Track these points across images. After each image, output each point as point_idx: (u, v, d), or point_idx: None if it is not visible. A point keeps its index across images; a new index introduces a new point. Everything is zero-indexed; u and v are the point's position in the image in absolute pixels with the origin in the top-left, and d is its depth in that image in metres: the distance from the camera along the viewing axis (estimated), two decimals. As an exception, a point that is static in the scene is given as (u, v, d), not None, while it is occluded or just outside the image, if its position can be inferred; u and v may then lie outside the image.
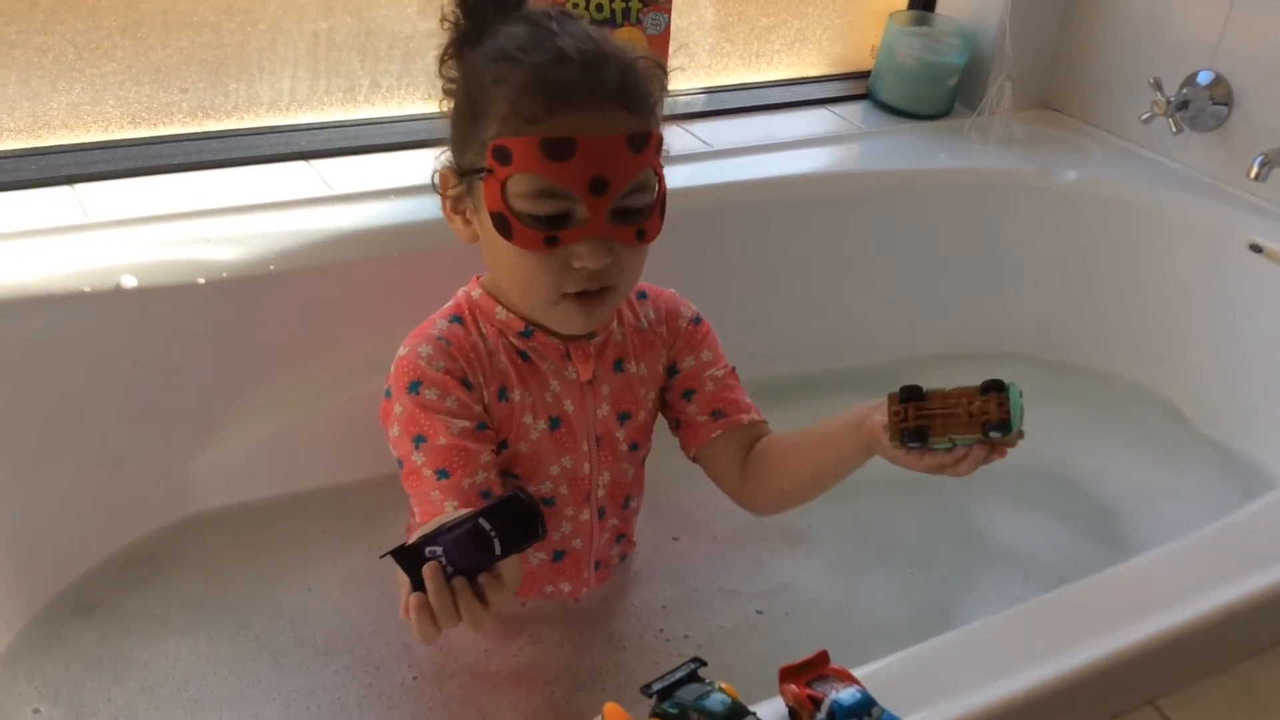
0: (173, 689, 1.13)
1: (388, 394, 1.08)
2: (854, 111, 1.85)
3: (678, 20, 1.63)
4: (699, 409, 1.18)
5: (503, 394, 1.10)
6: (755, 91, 1.85)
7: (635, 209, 1.01)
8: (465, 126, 1.02)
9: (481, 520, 0.82)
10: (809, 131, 1.76)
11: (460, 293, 1.14)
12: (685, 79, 1.80)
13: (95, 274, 1.23)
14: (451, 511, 0.98)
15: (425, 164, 1.47)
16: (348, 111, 1.57)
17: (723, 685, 0.82)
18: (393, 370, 1.08)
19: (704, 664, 0.85)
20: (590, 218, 0.99)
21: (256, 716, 1.11)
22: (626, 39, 1.49)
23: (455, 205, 1.07)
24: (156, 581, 1.26)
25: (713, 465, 1.20)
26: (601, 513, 1.19)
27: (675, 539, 1.38)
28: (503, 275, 1.08)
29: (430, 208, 1.39)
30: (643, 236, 1.02)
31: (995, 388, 0.96)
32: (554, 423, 1.12)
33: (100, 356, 1.24)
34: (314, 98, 1.55)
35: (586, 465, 1.15)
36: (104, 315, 1.23)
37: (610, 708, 0.76)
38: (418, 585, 0.83)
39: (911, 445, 0.97)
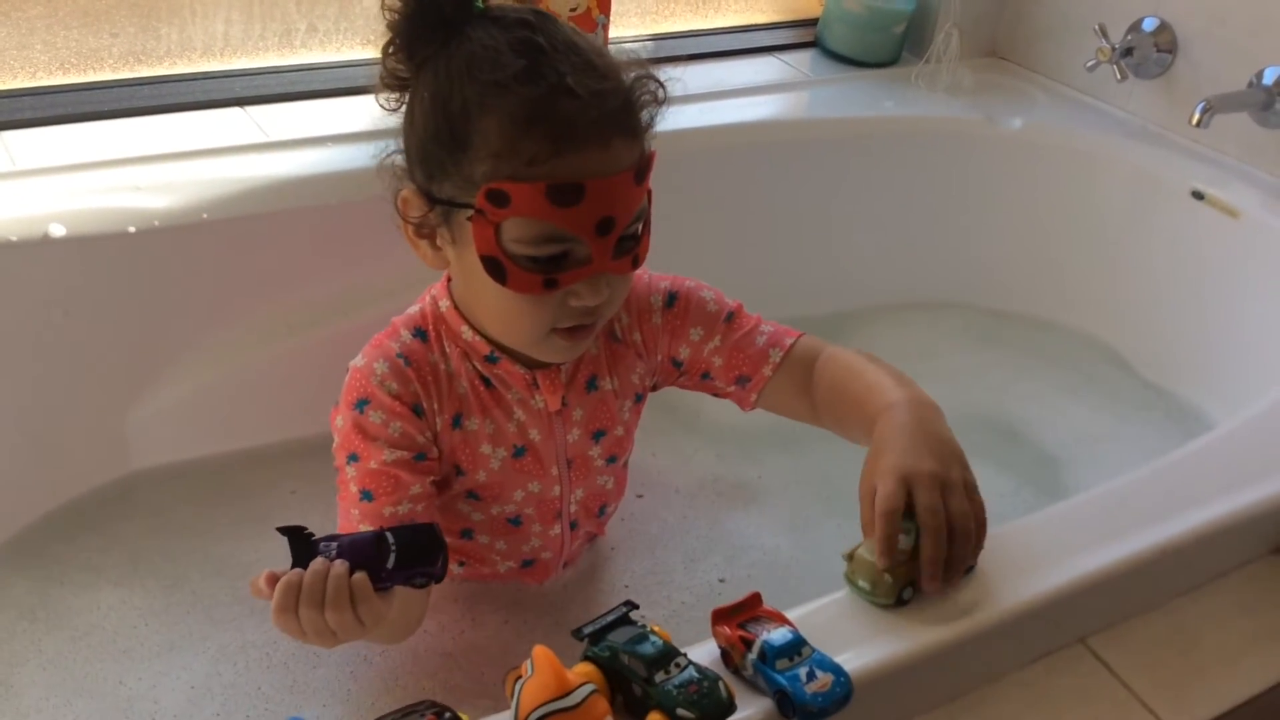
0: (103, 639, 1.13)
1: (337, 402, 1.04)
2: (801, 59, 1.84)
3: (624, -35, 1.61)
4: (724, 383, 1.13)
5: (457, 421, 1.04)
6: (703, 39, 1.83)
7: (632, 236, 0.96)
8: (439, 152, 0.92)
9: (387, 533, 0.84)
10: (756, 79, 1.74)
11: (427, 297, 1.07)
12: (631, 25, 1.78)
13: (23, 223, 1.20)
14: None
15: (363, 111, 1.46)
16: (284, 57, 1.54)
17: (654, 628, 0.82)
18: (347, 377, 1.03)
19: (635, 607, 0.85)
20: (594, 257, 0.92)
21: (185, 668, 1.10)
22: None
23: (420, 230, 0.97)
24: (97, 535, 1.24)
25: (783, 412, 1.15)
26: (574, 525, 1.16)
27: (640, 495, 1.37)
28: (483, 311, 1.00)
29: (368, 156, 1.37)
30: (636, 263, 0.97)
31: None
32: (518, 451, 1.07)
33: (30, 308, 1.22)
34: (249, 42, 1.51)
35: (556, 488, 1.11)
36: (33, 265, 1.21)
37: (539, 650, 0.76)
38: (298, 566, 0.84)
39: (904, 597, 0.89)
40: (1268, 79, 1.55)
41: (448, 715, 0.73)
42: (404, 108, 0.97)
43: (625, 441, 1.15)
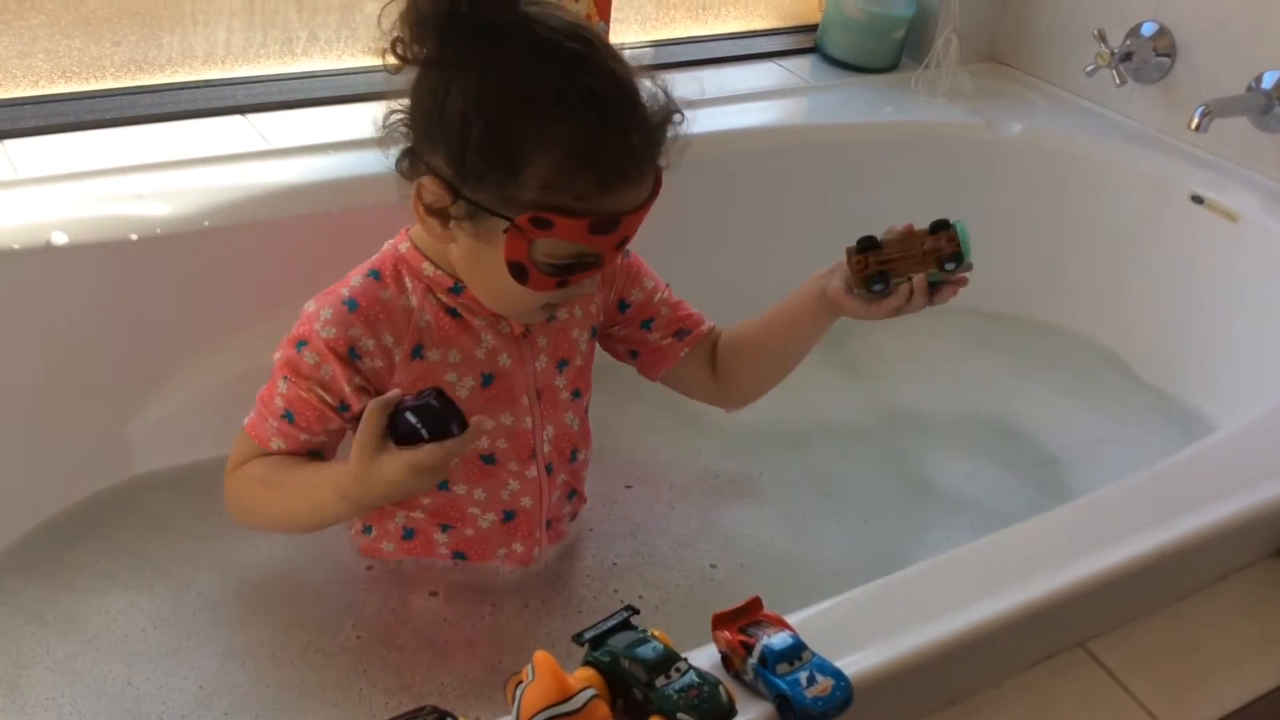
0: (112, 641, 1.13)
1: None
2: (801, 65, 1.84)
3: (624, -29, 1.61)
4: (661, 334, 1.22)
5: (417, 352, 1.08)
6: (702, 45, 1.83)
7: None
8: (482, 166, 0.93)
9: (409, 416, 0.92)
10: (756, 85, 1.75)
11: (387, 245, 1.11)
12: (631, 32, 1.79)
13: (26, 231, 1.20)
14: (277, 449, 1.07)
15: (364, 118, 1.46)
16: (285, 65, 1.54)
17: (655, 633, 0.83)
18: (299, 318, 1.08)
19: (636, 612, 0.85)
20: (605, 261, 1.01)
21: (193, 669, 1.11)
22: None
23: (432, 209, 0.99)
24: (102, 539, 1.25)
25: (684, 381, 1.26)
26: (549, 468, 1.18)
27: (628, 486, 1.38)
28: (481, 286, 1.05)
29: (369, 163, 1.37)
30: (626, 253, 1.08)
31: (943, 226, 1.07)
32: (486, 380, 1.11)
33: (32, 316, 1.22)
34: (250, 50, 1.52)
35: (528, 419, 1.14)
36: (35, 274, 1.21)
37: (540, 656, 0.76)
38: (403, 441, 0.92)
39: (876, 289, 1.06)
40: (1267, 83, 1.55)
41: (449, 720, 0.73)
42: (417, 83, 0.98)
43: (586, 374, 1.20)
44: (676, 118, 1.00)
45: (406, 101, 1.00)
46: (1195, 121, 1.51)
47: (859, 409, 1.59)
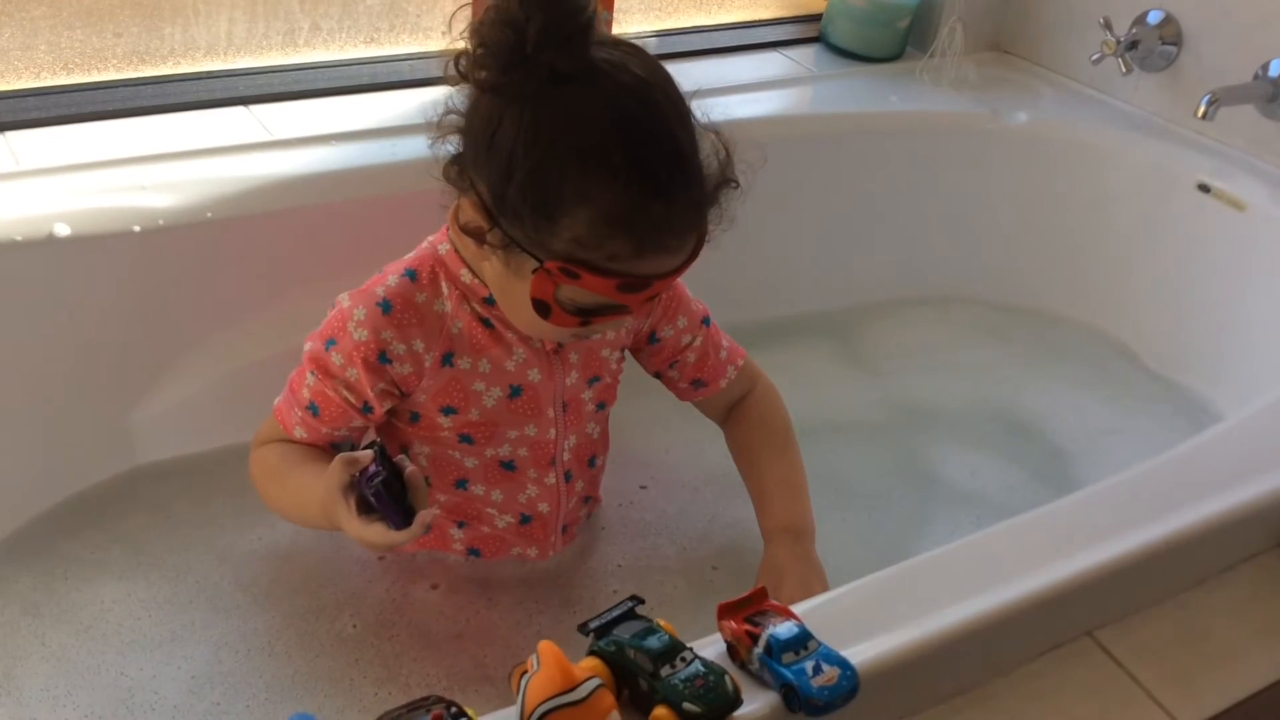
0: (106, 631, 1.13)
1: (319, 325, 1.08)
2: (805, 55, 1.83)
3: (627, -39, 1.61)
4: (680, 376, 1.22)
5: (448, 359, 1.07)
6: (706, 35, 1.82)
7: None
8: (520, 205, 0.91)
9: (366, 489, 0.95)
10: (760, 75, 1.74)
11: (425, 244, 1.09)
12: (635, 22, 1.78)
13: (28, 223, 1.20)
14: (299, 437, 1.09)
15: (367, 109, 1.47)
16: (287, 56, 1.54)
17: (661, 623, 0.82)
18: (333, 311, 1.07)
19: (642, 601, 0.85)
20: (632, 312, 1.01)
21: (186, 658, 1.10)
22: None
23: (468, 229, 0.97)
24: (100, 529, 1.24)
25: (699, 410, 1.29)
26: (568, 476, 1.17)
27: (643, 487, 1.37)
28: (509, 308, 1.03)
29: (372, 154, 1.38)
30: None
31: None
32: (514, 391, 1.10)
33: (34, 308, 1.22)
34: (252, 42, 1.51)
35: (552, 431, 1.13)
36: (38, 265, 1.21)
37: (545, 645, 0.76)
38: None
39: None
40: (1274, 71, 1.54)
41: (454, 710, 0.73)
42: (474, 103, 0.95)
43: (613, 389, 1.20)
44: (732, 185, 0.98)
45: (463, 108, 0.96)
46: (1202, 110, 1.50)
47: (866, 401, 1.58)
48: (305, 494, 1.03)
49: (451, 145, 0.98)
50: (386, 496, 0.93)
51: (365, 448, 0.96)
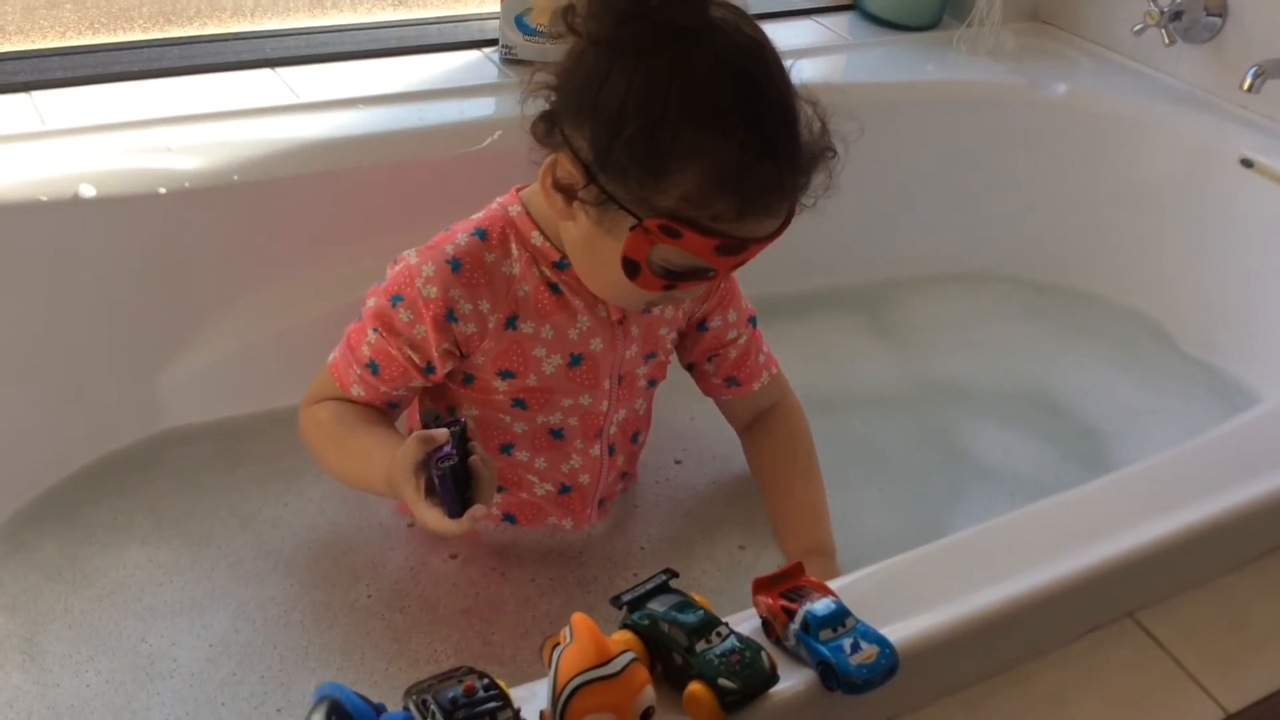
0: (128, 597, 1.12)
1: (381, 280, 1.06)
2: (840, 22, 1.80)
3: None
4: (716, 370, 1.21)
5: (511, 322, 1.05)
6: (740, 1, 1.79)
7: None
8: (627, 161, 0.89)
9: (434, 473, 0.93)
10: (794, 43, 1.71)
11: (495, 204, 1.07)
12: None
13: (53, 183, 1.19)
14: (356, 395, 1.07)
15: (395, 73, 1.44)
16: (314, 18, 1.52)
17: (695, 596, 0.81)
18: (399, 267, 1.05)
19: (675, 575, 0.83)
20: (718, 276, 1.00)
21: (206, 626, 1.10)
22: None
23: (560, 184, 0.95)
24: (124, 494, 1.24)
25: (721, 410, 1.28)
26: (611, 449, 1.17)
27: (678, 461, 1.35)
28: (588, 267, 1.01)
29: (399, 118, 1.36)
30: None
31: None
32: (575, 359, 1.08)
33: (59, 269, 1.21)
34: (279, 3, 1.50)
35: (605, 402, 1.12)
36: (62, 226, 1.20)
37: (578, 618, 0.74)
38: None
39: None
40: (1322, 43, 1.50)
41: (485, 681, 0.71)
42: (577, 55, 0.93)
43: (665, 368, 1.19)
44: (829, 154, 0.96)
45: (558, 64, 0.95)
46: (1248, 82, 1.47)
47: (897, 376, 1.56)
48: (367, 461, 1.01)
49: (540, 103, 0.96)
50: (450, 483, 0.91)
51: (450, 425, 0.94)
